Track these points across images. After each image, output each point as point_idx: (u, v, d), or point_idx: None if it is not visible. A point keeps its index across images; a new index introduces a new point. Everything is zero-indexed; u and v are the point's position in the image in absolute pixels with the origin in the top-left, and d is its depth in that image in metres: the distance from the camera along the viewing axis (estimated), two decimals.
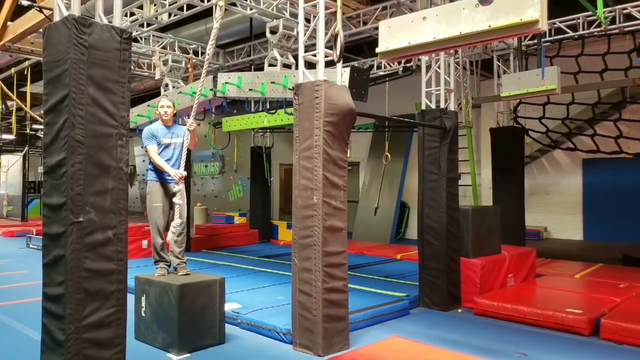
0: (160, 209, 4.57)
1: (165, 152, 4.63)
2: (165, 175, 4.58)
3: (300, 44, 4.43)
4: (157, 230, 4.60)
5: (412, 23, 3.59)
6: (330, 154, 4.14)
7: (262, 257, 8.91)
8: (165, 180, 4.61)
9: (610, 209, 9.86)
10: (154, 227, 4.60)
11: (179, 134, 4.71)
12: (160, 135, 4.63)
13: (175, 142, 4.69)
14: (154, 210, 4.58)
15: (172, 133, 4.69)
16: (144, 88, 10.66)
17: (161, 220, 4.58)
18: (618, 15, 7.22)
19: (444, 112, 5.82)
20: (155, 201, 4.58)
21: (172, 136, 4.68)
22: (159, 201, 4.58)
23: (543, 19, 3.09)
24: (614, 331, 4.44)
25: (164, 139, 4.64)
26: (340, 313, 4.15)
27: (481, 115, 11.07)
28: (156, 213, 4.57)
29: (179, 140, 4.69)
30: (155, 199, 4.59)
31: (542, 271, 7.09)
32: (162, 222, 4.58)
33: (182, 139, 4.65)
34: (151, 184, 4.64)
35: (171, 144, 4.67)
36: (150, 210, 4.61)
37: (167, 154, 4.63)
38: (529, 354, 4.10)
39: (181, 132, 4.70)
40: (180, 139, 4.67)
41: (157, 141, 4.61)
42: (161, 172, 4.59)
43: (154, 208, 4.58)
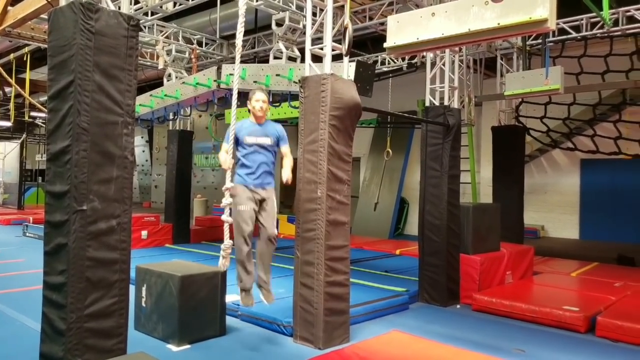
0: (247, 214, 3.83)
1: (248, 155, 3.91)
2: (249, 178, 3.90)
3: (307, 37, 4.41)
4: (243, 237, 3.86)
5: (421, 19, 3.58)
6: (335, 148, 4.13)
7: None
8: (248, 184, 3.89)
9: (607, 209, 9.91)
10: (238, 233, 3.87)
11: (269, 135, 3.98)
12: (243, 134, 3.91)
13: (263, 142, 3.94)
14: (239, 215, 3.84)
15: (259, 132, 3.96)
16: (146, 78, 10.59)
17: (247, 226, 3.83)
18: (621, 17, 7.22)
19: (448, 110, 5.81)
20: (239, 203, 3.85)
21: (259, 135, 3.94)
22: (244, 204, 3.84)
23: (552, 18, 3.09)
24: (609, 329, 4.48)
25: (247, 137, 3.91)
26: (342, 307, 4.16)
27: (482, 114, 11.08)
28: (240, 217, 3.83)
29: (267, 140, 3.96)
30: (239, 201, 3.86)
31: (540, 269, 7.13)
32: (248, 228, 3.83)
33: (272, 139, 3.97)
34: (235, 185, 3.90)
35: (255, 144, 3.92)
36: (235, 214, 3.87)
37: (250, 157, 3.90)
38: (526, 350, 4.13)
39: (272, 132, 4.00)
40: (269, 140, 3.96)
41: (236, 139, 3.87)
42: (245, 174, 3.90)
43: (239, 212, 3.85)
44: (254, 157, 3.92)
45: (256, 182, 3.90)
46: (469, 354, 3.70)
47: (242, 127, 3.94)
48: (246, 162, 3.92)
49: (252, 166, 3.90)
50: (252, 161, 3.91)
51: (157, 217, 9.36)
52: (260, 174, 3.92)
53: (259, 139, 3.94)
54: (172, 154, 9.67)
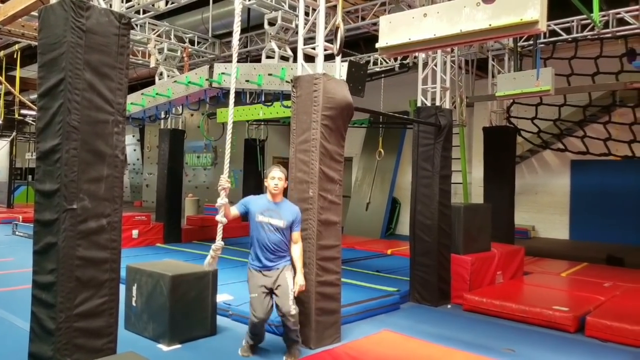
0: (257, 300, 3.68)
1: (258, 234, 3.72)
2: (260, 263, 3.73)
3: (299, 36, 4.41)
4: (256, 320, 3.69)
5: (413, 19, 3.59)
6: (327, 147, 4.14)
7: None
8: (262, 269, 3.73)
9: (596, 210, 10.01)
10: (252, 316, 3.72)
11: (283, 217, 3.72)
12: (255, 209, 3.74)
13: (275, 224, 3.70)
14: (251, 300, 3.74)
15: (273, 211, 3.73)
16: (137, 76, 10.54)
17: (258, 312, 3.67)
18: (611, 19, 7.29)
19: (439, 110, 5.84)
20: (250, 290, 3.75)
21: (272, 215, 3.72)
22: (254, 291, 3.71)
23: (543, 19, 3.11)
24: (598, 329, 4.53)
25: (259, 215, 3.72)
26: (333, 306, 4.16)
27: (474, 114, 11.13)
28: (252, 303, 3.72)
29: (280, 223, 3.71)
30: (250, 287, 3.76)
31: (530, 269, 7.19)
32: (260, 315, 3.67)
33: (285, 222, 3.72)
34: (248, 270, 3.83)
35: (266, 224, 3.70)
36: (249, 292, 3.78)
37: (261, 237, 3.70)
38: (516, 349, 4.16)
39: (287, 215, 3.75)
40: (282, 223, 3.71)
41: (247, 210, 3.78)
42: (256, 258, 3.75)
43: (251, 298, 3.74)
44: (266, 238, 3.69)
45: (268, 265, 3.72)
46: (459, 353, 3.73)
47: (257, 202, 3.78)
48: (256, 243, 3.73)
49: (261, 248, 3.70)
50: (262, 243, 3.70)
51: (148, 216, 9.31)
52: (270, 258, 3.71)
53: (271, 220, 3.71)
54: (163, 153, 9.63)
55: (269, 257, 3.72)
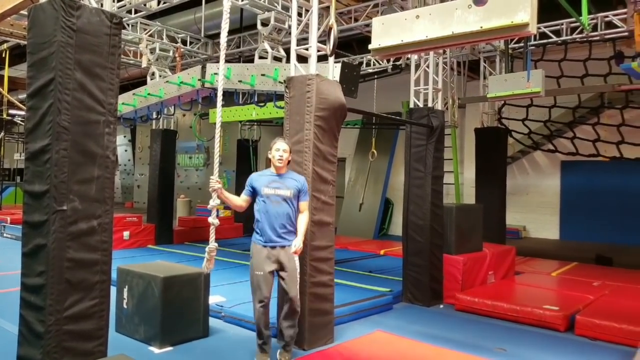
0: (262, 278, 3.56)
1: (264, 208, 3.58)
2: (265, 238, 3.59)
3: (292, 37, 4.40)
4: (259, 301, 3.60)
5: (405, 21, 3.60)
6: (320, 148, 4.13)
7: (246, 250, 8.83)
8: (268, 244, 3.59)
9: (586, 210, 10.10)
10: (255, 297, 3.62)
11: (288, 186, 3.64)
12: (260, 184, 3.65)
13: (282, 194, 3.61)
14: (254, 278, 3.61)
15: (278, 182, 3.64)
16: (129, 76, 10.47)
17: (262, 290, 3.56)
18: (600, 22, 7.37)
19: (432, 111, 5.86)
20: (254, 267, 3.60)
21: (278, 186, 3.62)
22: (259, 269, 3.57)
23: (533, 22, 3.13)
24: (588, 327, 4.57)
25: (265, 187, 3.62)
26: (326, 307, 4.16)
27: (465, 116, 11.19)
28: (256, 281, 3.59)
29: (286, 192, 3.62)
30: (255, 264, 3.61)
31: (521, 269, 7.24)
32: (263, 294, 3.57)
33: (291, 191, 3.63)
34: (252, 246, 3.68)
35: (273, 195, 3.59)
36: (251, 276, 3.64)
37: (267, 210, 3.57)
38: (508, 349, 4.18)
39: (292, 184, 3.67)
40: (289, 192, 3.62)
41: (253, 189, 3.67)
42: (261, 232, 3.61)
43: (254, 276, 3.60)
44: (272, 211, 3.57)
45: (274, 241, 3.57)
46: (452, 353, 3.74)
47: (260, 177, 3.69)
48: (263, 216, 3.59)
49: (269, 222, 3.56)
50: (269, 216, 3.56)
51: (139, 217, 9.25)
52: (278, 233, 3.57)
53: (278, 191, 3.61)
54: (155, 154, 9.57)
55: (277, 232, 3.57)
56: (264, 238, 3.59)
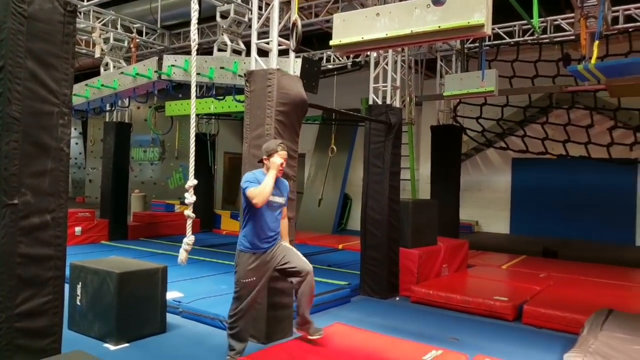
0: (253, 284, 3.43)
1: (262, 215, 3.43)
2: (263, 245, 3.45)
3: (253, 31, 4.39)
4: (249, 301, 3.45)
5: (366, 18, 3.66)
6: None
7: (204, 246, 8.76)
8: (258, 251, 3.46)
9: (534, 205, 10.60)
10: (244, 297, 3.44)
11: (282, 192, 3.59)
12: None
13: (279, 201, 3.54)
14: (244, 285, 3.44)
15: (277, 189, 3.52)
16: (81, 66, 10.06)
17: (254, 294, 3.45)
18: (549, 25, 7.75)
19: (390, 108, 5.99)
20: (245, 276, 3.42)
21: (276, 193, 3.50)
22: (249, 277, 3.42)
23: (488, 23, 3.27)
24: (534, 317, 4.84)
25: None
26: (285, 301, 4.19)
27: (422, 113, 11.47)
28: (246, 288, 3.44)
29: (282, 200, 3.57)
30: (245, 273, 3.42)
31: (473, 262, 7.53)
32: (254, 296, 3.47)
33: (284, 199, 3.61)
34: (241, 255, 3.46)
35: (272, 201, 3.46)
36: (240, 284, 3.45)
37: (266, 218, 3.45)
38: (460, 338, 4.36)
39: (285, 190, 3.65)
40: (283, 199, 3.59)
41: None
42: (258, 238, 3.44)
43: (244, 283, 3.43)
44: (269, 218, 3.45)
45: (270, 246, 3.49)
46: (408, 343, 3.86)
47: (260, 181, 3.42)
48: (260, 224, 3.42)
49: (265, 229, 3.44)
50: (267, 223, 3.44)
51: (92, 212, 8.95)
52: (275, 237, 3.52)
53: (275, 197, 3.50)
54: (108, 147, 9.28)
55: (273, 237, 3.50)
56: (257, 245, 3.44)
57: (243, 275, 3.42)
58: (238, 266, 3.47)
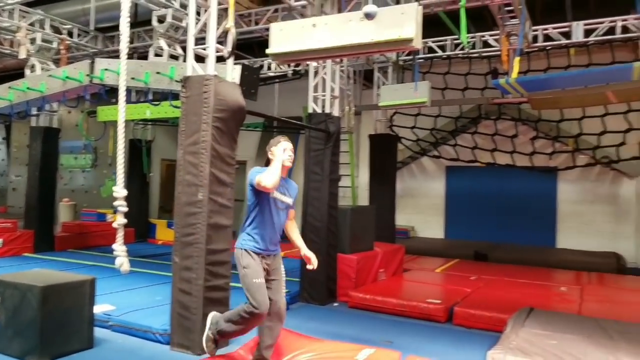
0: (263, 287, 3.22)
1: (269, 213, 3.27)
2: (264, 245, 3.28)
3: (189, 36, 4.33)
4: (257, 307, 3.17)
5: (302, 28, 3.73)
6: (218, 150, 4.11)
7: (138, 257, 8.43)
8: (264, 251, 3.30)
9: (467, 211, 11.10)
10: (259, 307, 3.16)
11: (291, 194, 3.42)
12: None
13: (286, 201, 3.38)
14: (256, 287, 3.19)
15: (284, 187, 3.36)
16: (4, 67, 9.43)
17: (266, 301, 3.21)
18: (478, 41, 8.22)
19: (329, 117, 6.10)
20: (254, 276, 3.20)
21: (283, 192, 3.34)
22: (259, 276, 3.22)
23: (417, 38, 3.43)
24: (464, 317, 5.08)
25: (274, 190, 3.27)
26: (222, 310, 4.10)
27: (361, 122, 11.72)
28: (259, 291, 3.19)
29: (289, 200, 3.41)
30: (253, 273, 3.21)
31: (409, 266, 7.78)
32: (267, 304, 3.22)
33: (292, 200, 3.43)
34: (245, 254, 3.26)
35: (280, 200, 3.31)
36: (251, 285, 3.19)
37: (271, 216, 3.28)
38: (394, 340, 4.48)
39: (293, 192, 3.47)
40: (291, 200, 3.42)
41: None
42: (261, 239, 3.27)
43: (256, 284, 3.19)
44: (275, 217, 3.29)
45: (270, 249, 3.33)
46: (341, 344, 3.93)
47: None
48: (265, 222, 3.25)
49: (272, 228, 3.28)
50: (273, 222, 3.27)
51: (14, 222, 8.38)
52: (276, 241, 3.35)
53: (283, 197, 3.33)
54: (34, 153, 8.74)
55: (274, 239, 3.33)
56: (260, 245, 3.26)
57: (255, 274, 3.18)
58: (247, 267, 3.20)
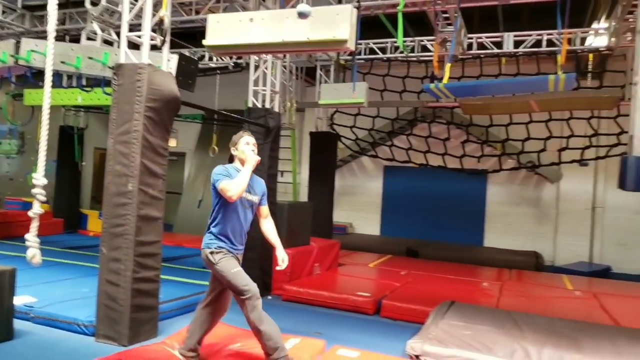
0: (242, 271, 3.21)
1: (234, 214, 3.17)
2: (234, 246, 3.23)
3: (123, 22, 4.23)
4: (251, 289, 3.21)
5: (239, 22, 3.74)
6: (150, 140, 4.05)
7: (66, 248, 8.09)
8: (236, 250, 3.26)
9: (402, 209, 11.52)
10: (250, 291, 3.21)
11: (257, 191, 3.32)
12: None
13: (252, 199, 3.27)
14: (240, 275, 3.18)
15: (249, 186, 3.22)
16: None
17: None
18: (417, 45, 8.53)
19: (269, 112, 6.13)
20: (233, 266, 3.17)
21: (249, 190, 3.22)
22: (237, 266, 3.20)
23: (351, 39, 3.55)
24: (391, 310, 5.32)
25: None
26: (150, 302, 4.09)
27: (305, 119, 11.84)
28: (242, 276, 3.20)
29: (255, 198, 3.30)
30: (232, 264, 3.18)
31: (344, 261, 7.98)
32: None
33: (259, 197, 3.32)
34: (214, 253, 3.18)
35: (245, 199, 3.21)
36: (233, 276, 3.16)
37: (237, 217, 3.19)
38: (324, 332, 4.61)
39: (259, 189, 3.36)
40: (257, 198, 3.31)
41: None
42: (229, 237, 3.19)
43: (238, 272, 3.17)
44: (242, 216, 3.21)
45: (237, 249, 3.26)
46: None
47: (232, 176, 3.14)
48: (230, 222, 3.17)
49: (238, 227, 3.22)
50: (239, 221, 3.20)
51: None
52: (242, 241, 3.28)
53: (248, 195, 3.22)
54: None
55: (241, 240, 3.27)
56: (227, 245, 3.20)
57: (230, 265, 3.15)
58: (220, 262, 3.14)
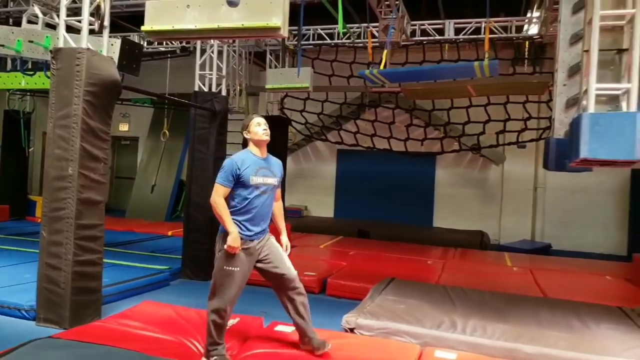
0: (239, 275, 3.08)
1: (253, 201, 3.05)
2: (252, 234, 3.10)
3: (61, 6, 4.21)
4: (227, 303, 3.10)
5: (176, 9, 3.79)
6: (90, 124, 4.07)
7: (10, 235, 7.91)
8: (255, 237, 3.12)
9: (354, 192, 11.80)
10: (222, 297, 3.09)
11: (274, 172, 3.18)
12: (249, 171, 3.04)
13: (270, 182, 3.13)
14: (228, 275, 3.07)
15: (266, 169, 3.12)
16: None
17: (237, 289, 3.10)
18: (363, 31, 8.71)
19: (215, 96, 6.19)
20: (233, 265, 3.06)
21: (266, 174, 3.11)
22: (239, 265, 3.07)
23: (284, 26, 3.67)
24: (335, 288, 5.56)
25: (254, 176, 3.04)
26: (93, 285, 4.15)
27: (259, 103, 11.87)
28: (231, 278, 3.07)
29: (273, 180, 3.16)
30: (233, 262, 3.06)
31: (297, 243, 8.15)
32: (237, 292, 3.12)
33: (277, 179, 3.19)
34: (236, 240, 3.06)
35: (262, 185, 3.08)
36: (222, 273, 3.09)
37: (256, 204, 3.07)
38: (269, 311, 4.78)
39: (277, 170, 3.22)
40: (276, 180, 3.17)
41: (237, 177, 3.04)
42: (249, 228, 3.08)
43: (230, 272, 3.06)
44: (262, 202, 3.08)
45: (259, 233, 3.12)
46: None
47: (245, 162, 3.03)
48: (251, 211, 3.05)
49: (260, 216, 3.08)
50: (260, 209, 3.07)
51: None
52: (264, 225, 3.15)
53: (267, 179, 3.10)
54: None
55: (263, 224, 3.13)
56: (250, 236, 3.09)
57: (228, 263, 3.06)
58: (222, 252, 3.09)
